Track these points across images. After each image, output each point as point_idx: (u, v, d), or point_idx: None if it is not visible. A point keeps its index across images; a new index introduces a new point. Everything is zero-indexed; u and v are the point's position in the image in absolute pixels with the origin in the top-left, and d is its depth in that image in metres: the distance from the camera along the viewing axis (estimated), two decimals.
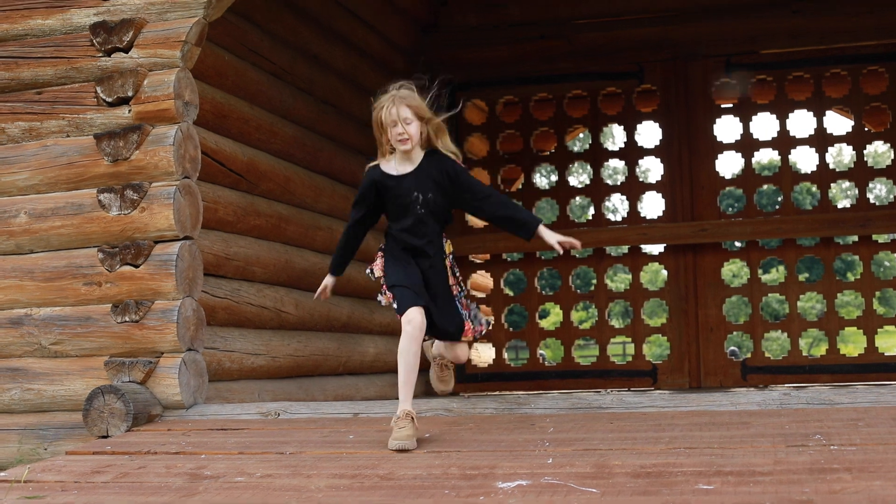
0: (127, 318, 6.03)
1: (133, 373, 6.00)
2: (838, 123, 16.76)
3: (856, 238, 9.99)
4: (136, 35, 6.15)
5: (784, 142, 10.04)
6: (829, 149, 10.19)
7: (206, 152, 6.55)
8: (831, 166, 10.11)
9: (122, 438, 5.57)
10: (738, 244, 10.52)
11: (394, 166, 5.44)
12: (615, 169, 37.03)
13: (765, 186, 10.48)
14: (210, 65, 6.78)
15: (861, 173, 10.00)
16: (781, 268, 10.17)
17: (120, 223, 6.07)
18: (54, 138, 6.28)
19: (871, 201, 10.05)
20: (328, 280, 5.63)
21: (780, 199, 10.31)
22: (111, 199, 6.10)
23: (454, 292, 5.57)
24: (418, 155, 5.43)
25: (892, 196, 10.37)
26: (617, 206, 46.63)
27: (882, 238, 10.02)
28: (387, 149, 5.39)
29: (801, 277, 10.34)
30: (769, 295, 10.41)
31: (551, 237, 5.51)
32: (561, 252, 5.73)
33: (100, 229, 6.13)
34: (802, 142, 10.08)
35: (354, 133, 8.76)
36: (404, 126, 5.28)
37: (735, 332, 10.30)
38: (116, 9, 6.21)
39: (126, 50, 6.16)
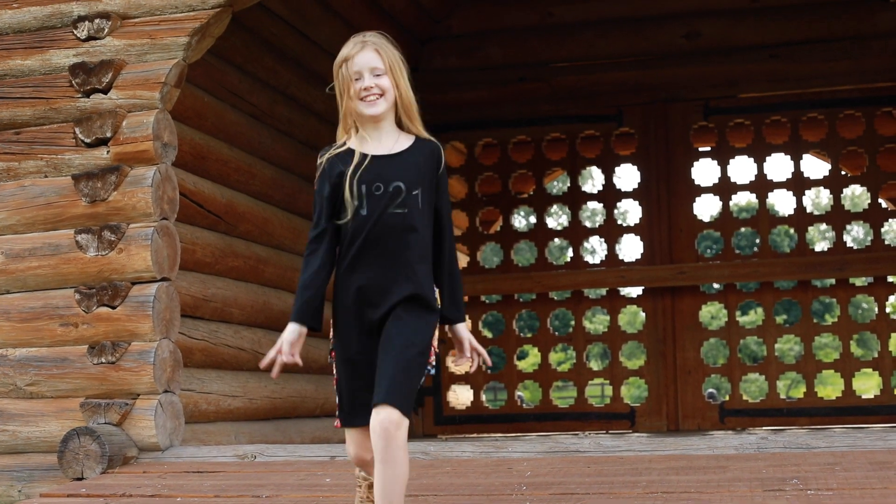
0: (103, 360, 6.00)
1: (109, 414, 5.97)
2: (815, 167, 16.87)
3: (833, 281, 10.01)
4: (116, 76, 6.15)
5: (762, 185, 10.08)
6: (807, 192, 10.23)
7: (184, 193, 6.54)
8: (808, 209, 10.15)
9: (97, 481, 5.53)
10: (716, 286, 10.50)
11: (357, 145, 4.11)
12: (594, 211, 37.12)
13: (742, 229, 10.52)
14: (189, 106, 6.78)
15: (838, 217, 10.05)
16: (760, 309, 10.18)
17: (97, 264, 6.05)
18: (32, 179, 6.27)
19: (849, 244, 10.09)
20: (290, 335, 4.11)
21: (757, 240, 10.32)
22: (89, 240, 6.08)
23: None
24: (391, 131, 4.15)
25: (869, 239, 10.41)
26: (595, 246, 46.74)
27: (859, 281, 10.05)
28: (350, 122, 4.14)
29: (780, 319, 10.37)
30: (747, 337, 10.43)
31: (467, 339, 4.19)
32: (468, 356, 4.23)
33: (77, 270, 6.11)
34: (780, 185, 10.12)
35: None
36: (373, 78, 4.08)
37: (713, 375, 10.30)
38: (96, 50, 6.22)
39: (105, 91, 6.16)
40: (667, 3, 9.88)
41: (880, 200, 9.95)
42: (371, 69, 4.11)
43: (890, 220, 10.18)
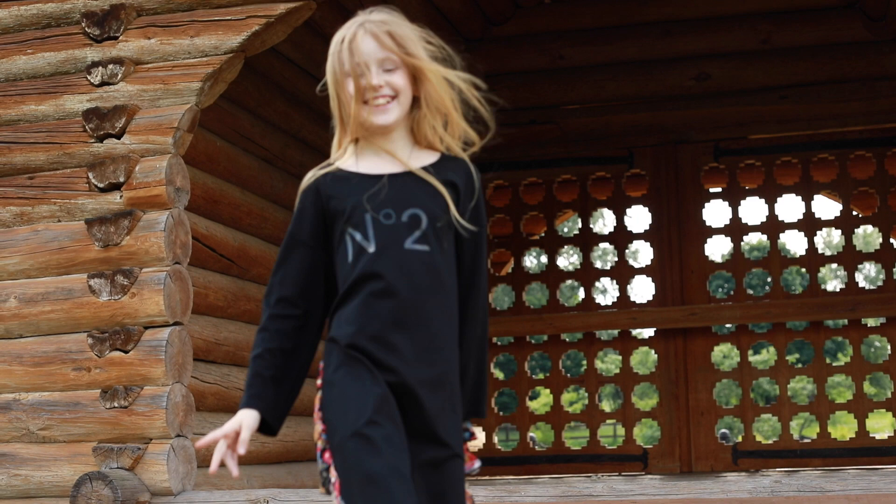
0: (116, 404, 6.00)
1: (121, 459, 5.97)
2: (827, 207, 16.84)
3: (846, 321, 9.99)
4: (129, 121, 6.18)
5: (773, 226, 10.08)
6: (818, 232, 10.23)
7: (196, 237, 6.56)
8: (820, 249, 10.14)
9: None
10: (728, 327, 10.49)
11: (355, 163, 3.19)
12: (604, 250, 37.11)
13: (754, 270, 10.51)
14: (202, 150, 6.81)
15: (850, 257, 10.04)
16: (772, 348, 10.17)
17: (110, 308, 6.07)
18: (45, 223, 6.30)
19: (861, 284, 10.08)
20: (235, 424, 3.11)
21: (769, 279, 10.31)
22: (101, 285, 6.10)
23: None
24: (404, 142, 3.19)
25: (881, 279, 10.39)
26: (607, 286, 46.68)
27: (871, 322, 10.03)
28: (349, 133, 3.20)
29: (792, 358, 10.35)
30: (759, 378, 10.41)
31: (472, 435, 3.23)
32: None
33: (90, 314, 6.12)
34: (791, 226, 10.13)
35: None
36: (380, 74, 3.10)
37: (726, 416, 10.27)
38: (109, 95, 6.26)
39: (118, 136, 6.19)
40: (676, 45, 9.91)
41: (892, 240, 9.94)
42: (379, 61, 3.12)
43: None
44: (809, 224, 10.05)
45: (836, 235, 37.89)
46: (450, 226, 3.13)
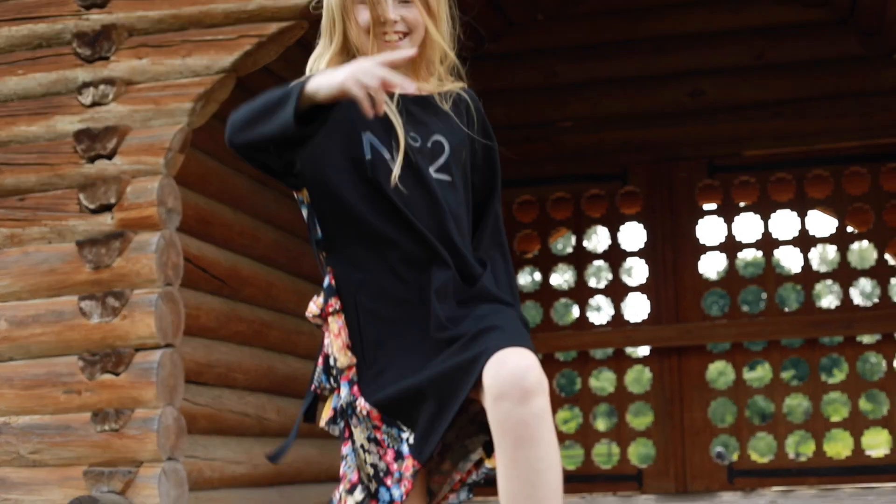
0: (107, 427, 5.96)
1: (112, 482, 5.91)
2: (822, 223, 16.86)
3: (841, 339, 9.96)
4: (120, 142, 6.14)
5: (767, 243, 10.06)
6: (813, 248, 10.20)
7: (188, 258, 6.52)
8: (815, 264, 10.12)
9: None
10: (723, 345, 10.47)
11: None
12: (599, 268, 37.08)
13: (748, 287, 10.48)
14: (193, 171, 6.77)
15: (845, 274, 10.02)
16: (767, 365, 10.18)
17: (101, 331, 6.02)
18: (36, 245, 6.25)
19: (856, 301, 10.06)
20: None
21: (763, 295, 10.29)
22: (92, 307, 6.05)
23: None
24: (407, 71, 2.96)
25: (876, 296, 10.38)
26: (601, 304, 46.63)
27: (867, 339, 10.01)
28: (342, 57, 2.98)
29: (788, 375, 10.32)
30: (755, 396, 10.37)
31: None
32: None
33: (80, 337, 6.07)
34: (786, 243, 10.10)
35: None
36: (396, 6, 2.91)
37: (721, 435, 10.23)
38: (100, 116, 6.21)
39: (109, 157, 6.15)
40: (670, 61, 9.89)
41: (887, 256, 9.92)
42: None
43: None
44: (804, 240, 10.02)
45: (831, 251, 37.87)
46: (466, 159, 3.03)
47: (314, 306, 3.07)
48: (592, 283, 10.77)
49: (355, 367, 2.94)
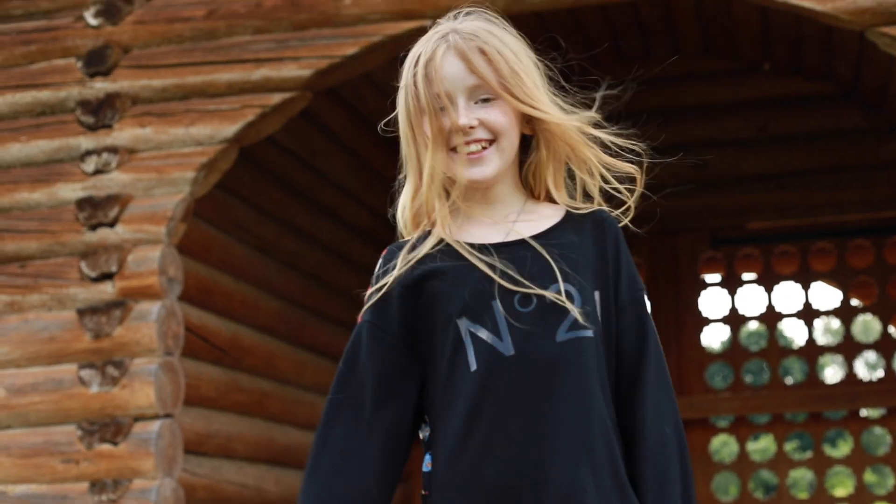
0: (104, 498, 5.90)
1: None
2: (825, 296, 16.83)
3: (845, 412, 9.90)
4: (122, 210, 6.14)
5: (771, 315, 10.02)
6: (817, 321, 10.17)
7: (189, 328, 6.49)
8: (819, 337, 10.09)
9: None
10: (726, 418, 10.41)
11: (456, 230, 2.35)
12: None
13: (752, 359, 10.44)
14: (195, 240, 6.76)
15: (849, 347, 9.97)
16: (771, 435, 10.19)
17: (100, 400, 5.98)
18: (36, 312, 6.22)
19: (860, 373, 10.01)
20: None
21: (765, 365, 10.24)
22: (92, 376, 6.02)
23: None
24: (513, 196, 2.42)
25: (881, 367, 10.33)
26: None
27: (872, 413, 9.95)
28: (433, 191, 2.32)
29: (791, 446, 10.24)
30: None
31: None
32: None
33: (79, 406, 6.03)
34: (790, 315, 10.07)
35: (340, 307, 8.71)
36: (470, 108, 2.29)
37: None
38: (103, 184, 6.21)
39: (111, 225, 6.14)
40: (673, 133, 9.86)
41: (891, 329, 9.88)
42: (469, 89, 2.29)
43: None
44: (808, 313, 9.98)
45: (835, 321, 37.75)
46: (601, 294, 2.40)
47: None
48: None
49: None
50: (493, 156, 2.31)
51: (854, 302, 10.03)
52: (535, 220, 2.40)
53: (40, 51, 6.41)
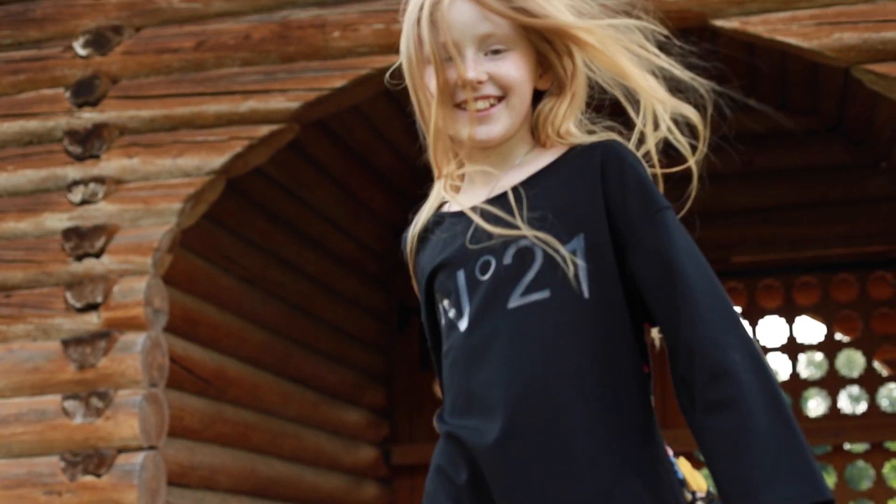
0: None
1: None
2: (809, 330, 16.87)
3: (829, 447, 9.91)
4: (109, 241, 6.13)
5: None
6: (801, 355, 10.19)
7: (174, 359, 6.47)
8: (802, 374, 10.09)
9: None
10: None
11: (470, 194, 2.14)
12: None
13: None
14: (181, 270, 6.75)
15: (833, 382, 9.98)
16: None
17: (84, 431, 5.95)
18: (21, 342, 6.20)
19: (843, 407, 10.03)
20: None
21: None
22: (76, 407, 5.99)
23: None
24: (521, 143, 2.16)
25: (864, 402, 10.34)
26: None
27: (855, 447, 9.95)
28: (441, 146, 2.14)
29: None
30: None
31: None
32: None
33: (63, 437, 6.00)
34: (774, 349, 10.08)
35: (325, 337, 8.71)
36: (479, 61, 2.04)
37: None
38: (90, 214, 6.20)
39: (97, 255, 6.13)
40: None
41: (875, 364, 9.90)
42: (480, 38, 2.04)
43: (887, 384, 10.11)
44: (792, 347, 10.00)
45: (818, 356, 37.79)
46: (589, 244, 2.06)
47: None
48: None
49: None
50: (501, 114, 2.06)
51: (838, 336, 10.05)
52: (527, 167, 2.12)
53: (29, 80, 6.41)
